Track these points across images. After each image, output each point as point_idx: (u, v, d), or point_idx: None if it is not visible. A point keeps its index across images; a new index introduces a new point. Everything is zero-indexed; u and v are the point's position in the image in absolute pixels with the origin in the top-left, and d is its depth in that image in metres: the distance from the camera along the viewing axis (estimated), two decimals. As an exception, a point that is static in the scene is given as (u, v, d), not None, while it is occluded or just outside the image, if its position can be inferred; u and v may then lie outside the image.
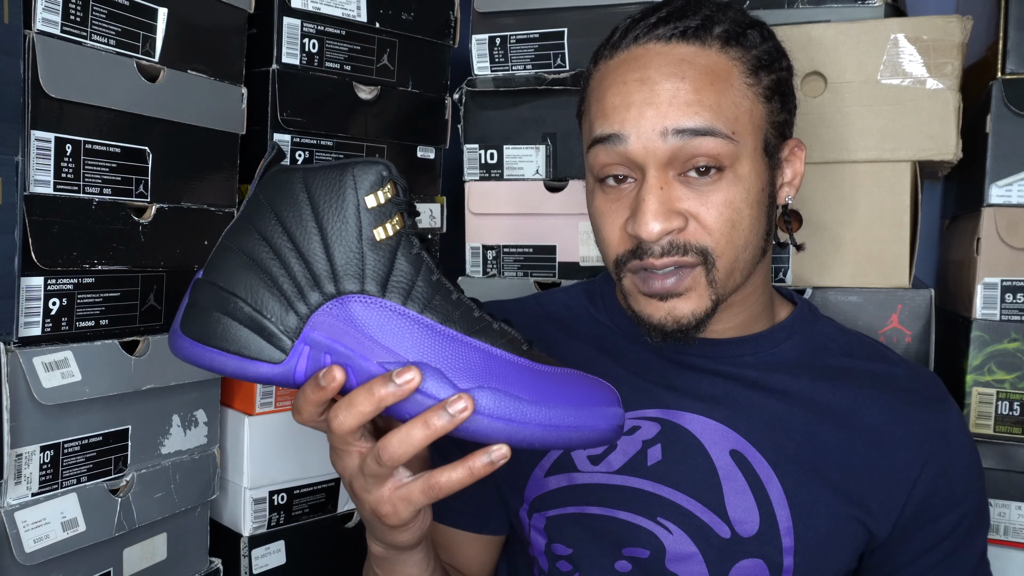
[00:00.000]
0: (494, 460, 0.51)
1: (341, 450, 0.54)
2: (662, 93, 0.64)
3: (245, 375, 0.54)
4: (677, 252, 0.65)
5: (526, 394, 0.52)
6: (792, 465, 0.70)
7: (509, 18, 1.09)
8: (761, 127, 0.67)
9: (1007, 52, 0.90)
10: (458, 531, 0.79)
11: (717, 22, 0.67)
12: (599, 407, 0.53)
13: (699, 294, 0.66)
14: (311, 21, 1.00)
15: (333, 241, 0.54)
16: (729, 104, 0.65)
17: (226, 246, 0.56)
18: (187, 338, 0.55)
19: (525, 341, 0.55)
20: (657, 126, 0.64)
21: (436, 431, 0.50)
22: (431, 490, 0.53)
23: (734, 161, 0.65)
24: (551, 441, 0.52)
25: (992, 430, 0.91)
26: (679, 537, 0.70)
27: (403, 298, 0.53)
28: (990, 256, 0.91)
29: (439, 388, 0.52)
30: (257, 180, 0.57)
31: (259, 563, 1.00)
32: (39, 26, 0.76)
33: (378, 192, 0.54)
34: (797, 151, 0.72)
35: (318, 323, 0.53)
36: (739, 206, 0.65)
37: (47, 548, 0.79)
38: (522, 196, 1.10)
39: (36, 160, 0.76)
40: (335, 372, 0.51)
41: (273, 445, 1.00)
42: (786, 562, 0.69)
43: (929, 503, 0.70)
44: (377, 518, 0.56)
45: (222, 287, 0.55)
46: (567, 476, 0.73)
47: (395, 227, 0.54)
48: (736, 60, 0.66)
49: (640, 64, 0.66)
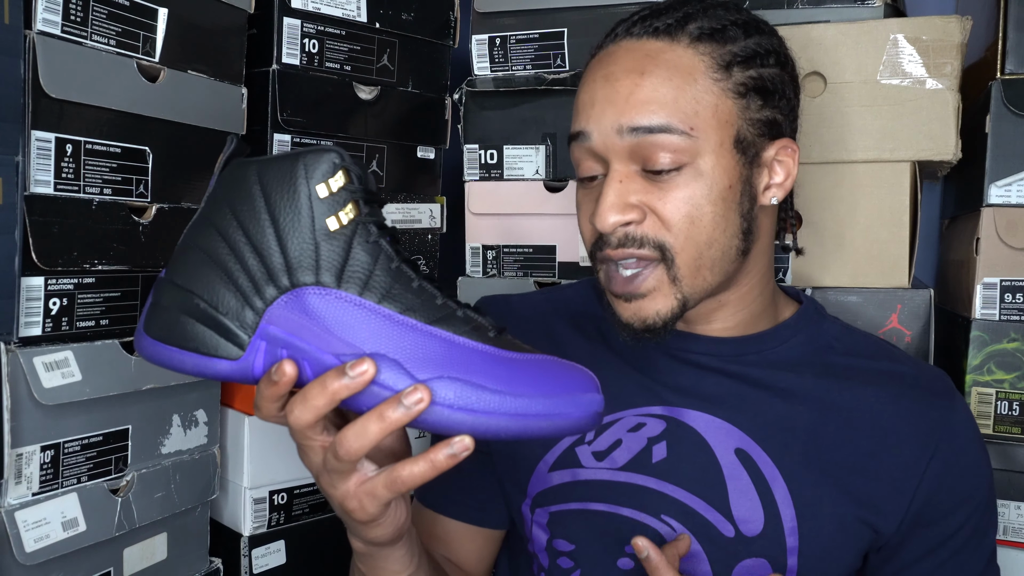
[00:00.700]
0: (456, 452, 0.50)
1: (304, 445, 0.54)
2: (621, 90, 0.66)
3: (204, 372, 0.53)
4: (633, 244, 0.66)
5: (490, 383, 0.50)
6: (797, 464, 0.70)
7: (509, 18, 1.09)
8: (730, 123, 0.66)
9: (1007, 52, 0.90)
10: (458, 524, 0.79)
11: (694, 19, 0.67)
12: (572, 394, 0.51)
13: (663, 294, 0.67)
14: (311, 21, 1.00)
15: (286, 233, 0.52)
16: (688, 99, 0.65)
17: (186, 244, 0.55)
18: (150, 338, 0.54)
19: (493, 328, 0.53)
20: (614, 123, 0.65)
21: (392, 424, 0.49)
22: (394, 484, 0.52)
23: (694, 157, 0.65)
24: (519, 431, 0.50)
25: (992, 430, 0.91)
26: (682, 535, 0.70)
27: (360, 288, 0.52)
28: (990, 256, 0.91)
29: (396, 379, 0.50)
30: (216, 175, 0.56)
31: (259, 563, 1.00)
32: (39, 26, 0.76)
33: (329, 181, 0.52)
34: (789, 152, 0.70)
35: (274, 317, 0.52)
36: (699, 202, 0.65)
37: (47, 548, 0.79)
38: (522, 196, 1.10)
39: (36, 160, 0.76)
40: (285, 367, 0.51)
41: (273, 445, 1.00)
42: (790, 562, 0.69)
43: (936, 499, 0.70)
44: (346, 514, 0.55)
45: (181, 285, 0.54)
46: (571, 472, 0.73)
47: (348, 215, 0.53)
48: (704, 55, 0.66)
49: (608, 61, 0.68)
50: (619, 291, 0.67)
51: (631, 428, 0.72)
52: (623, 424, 0.73)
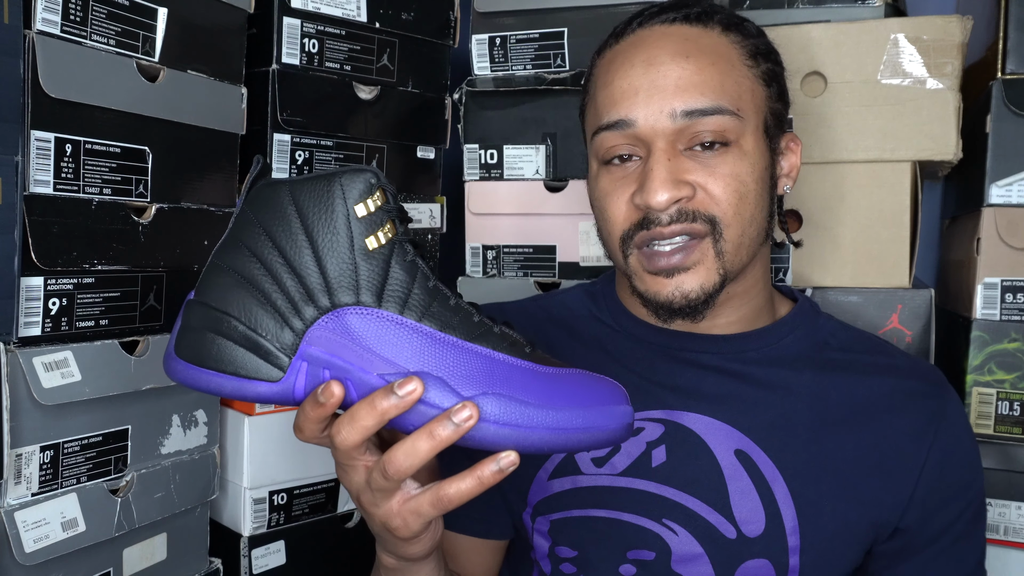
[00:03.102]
0: (503, 468, 0.50)
1: (347, 465, 0.53)
2: (668, 75, 0.66)
3: (243, 395, 0.53)
4: (686, 219, 0.66)
5: (531, 398, 0.51)
6: (797, 464, 0.70)
7: (509, 18, 1.09)
8: (761, 108, 0.69)
9: (1007, 52, 0.90)
10: (463, 537, 0.78)
11: (716, 11, 0.70)
12: (607, 406, 0.52)
13: (707, 267, 0.67)
14: (311, 21, 1.00)
15: (325, 253, 0.52)
16: (732, 83, 0.67)
17: (216, 265, 0.55)
18: (182, 361, 0.54)
19: (527, 343, 0.54)
20: (665, 108, 0.66)
21: (442, 442, 0.49)
22: (440, 502, 0.52)
23: (739, 136, 0.67)
24: (560, 444, 0.51)
25: (992, 430, 0.91)
26: (685, 538, 0.70)
27: (400, 307, 0.52)
28: (990, 256, 0.91)
29: (442, 397, 0.50)
30: (243, 196, 0.55)
31: (259, 563, 1.00)
32: (39, 26, 0.76)
33: (367, 200, 0.53)
34: (793, 145, 0.74)
35: (315, 338, 0.52)
36: (745, 179, 0.67)
37: (47, 548, 0.79)
38: (522, 196, 1.10)
39: (36, 160, 0.76)
40: (333, 388, 0.50)
41: (273, 445, 1.00)
42: (792, 562, 0.69)
43: (936, 488, 0.70)
44: (388, 532, 0.55)
45: (215, 307, 0.53)
46: (571, 479, 0.73)
47: (387, 235, 0.53)
48: (735, 43, 0.69)
49: (646, 45, 0.68)
50: (663, 266, 0.67)
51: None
52: None
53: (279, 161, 0.99)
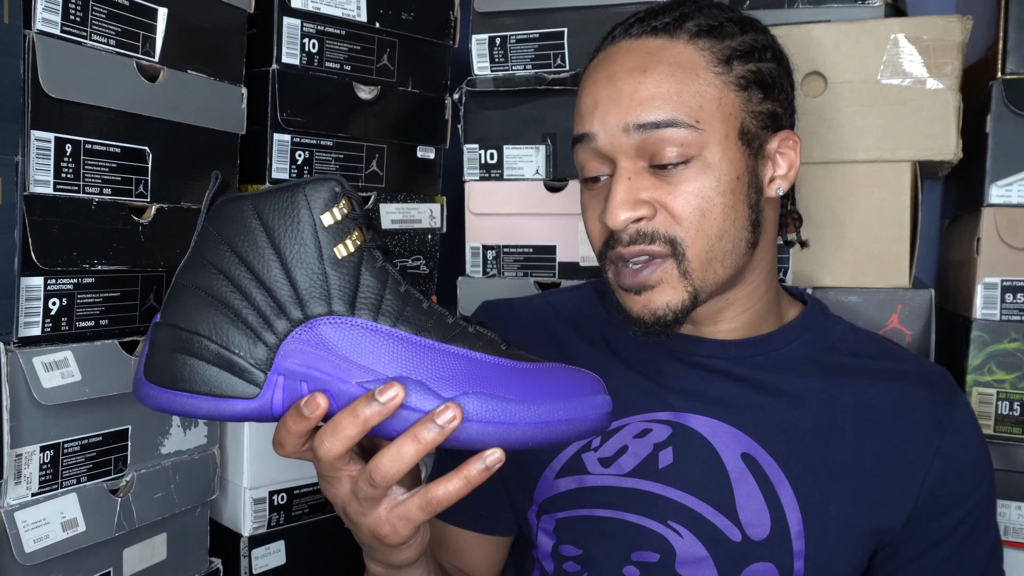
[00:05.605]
0: (489, 465, 0.50)
1: (331, 477, 0.53)
2: (624, 89, 0.66)
3: (220, 415, 0.52)
4: (644, 240, 0.66)
5: (512, 394, 0.51)
6: (803, 468, 0.70)
7: (509, 18, 1.09)
8: (733, 115, 0.67)
9: (1007, 52, 0.90)
10: (468, 533, 0.78)
11: (691, 18, 0.68)
12: (585, 397, 0.52)
13: (672, 286, 0.67)
14: (311, 21, 1.00)
15: (293, 265, 0.52)
16: (692, 93, 0.66)
17: (181, 285, 0.54)
18: (154, 385, 0.53)
19: (503, 341, 0.54)
20: (620, 122, 0.66)
21: (427, 444, 0.49)
22: (428, 505, 0.52)
23: (701, 149, 0.66)
24: (544, 438, 0.51)
25: (992, 430, 0.91)
26: (689, 540, 0.70)
27: (373, 313, 0.52)
28: (990, 256, 0.91)
29: (424, 400, 0.50)
30: (204, 213, 0.55)
31: (259, 563, 1.00)
32: (39, 26, 0.76)
33: (334, 209, 0.52)
34: (791, 143, 0.71)
35: (289, 351, 0.52)
36: (709, 194, 0.66)
37: (47, 548, 0.78)
38: (522, 196, 1.10)
39: (36, 160, 0.76)
40: (318, 399, 0.50)
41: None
42: (797, 565, 0.69)
43: (939, 494, 0.70)
44: (377, 540, 0.55)
45: (183, 327, 0.53)
46: (577, 478, 0.73)
47: (356, 243, 0.52)
48: (704, 50, 0.67)
49: (609, 62, 0.69)
50: (628, 284, 0.68)
51: (637, 434, 0.72)
52: (629, 430, 0.72)
53: (279, 161, 0.99)
